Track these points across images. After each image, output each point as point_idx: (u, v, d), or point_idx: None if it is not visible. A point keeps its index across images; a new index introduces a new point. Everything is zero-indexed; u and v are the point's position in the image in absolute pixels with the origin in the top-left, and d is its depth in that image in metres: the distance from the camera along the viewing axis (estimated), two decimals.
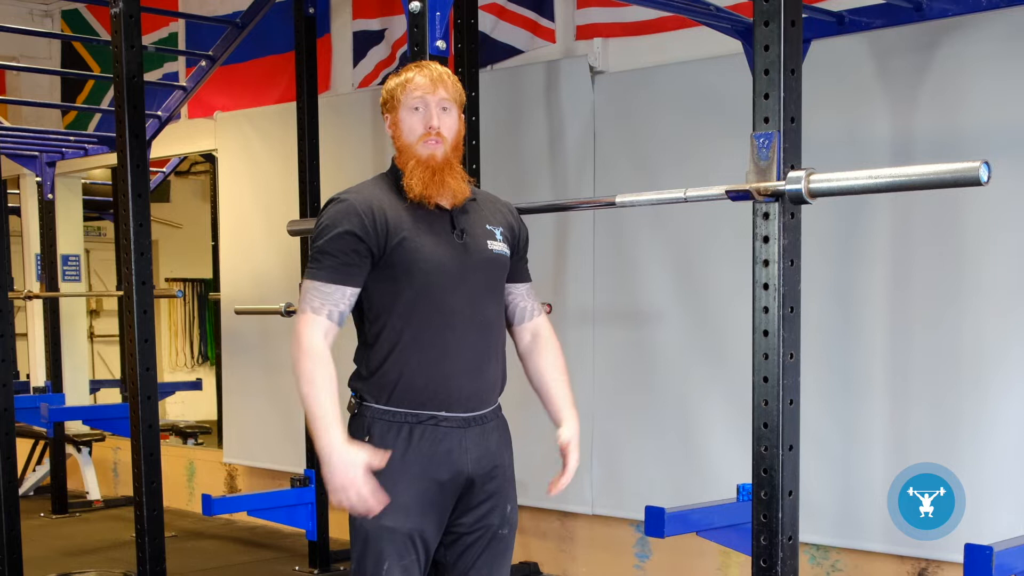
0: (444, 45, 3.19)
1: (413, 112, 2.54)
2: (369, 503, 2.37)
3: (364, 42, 5.99)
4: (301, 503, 5.53)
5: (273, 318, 5.73)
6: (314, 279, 2.44)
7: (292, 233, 4.14)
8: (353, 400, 2.54)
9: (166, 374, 10.79)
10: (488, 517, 2.58)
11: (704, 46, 4.47)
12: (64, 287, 7.32)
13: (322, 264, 2.44)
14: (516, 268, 2.66)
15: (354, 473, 2.35)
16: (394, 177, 2.57)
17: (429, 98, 2.53)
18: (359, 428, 2.52)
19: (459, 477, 2.51)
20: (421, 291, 2.46)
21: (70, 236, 7.50)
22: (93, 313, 10.50)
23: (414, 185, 2.50)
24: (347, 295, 2.44)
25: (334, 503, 2.40)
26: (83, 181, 7.86)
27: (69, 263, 7.46)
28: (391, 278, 2.46)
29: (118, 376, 9.49)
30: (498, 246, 2.58)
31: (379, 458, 2.39)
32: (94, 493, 7.47)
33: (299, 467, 5.77)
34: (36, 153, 7.00)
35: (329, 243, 2.44)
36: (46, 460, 7.61)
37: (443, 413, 2.49)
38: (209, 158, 8.02)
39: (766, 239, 2.57)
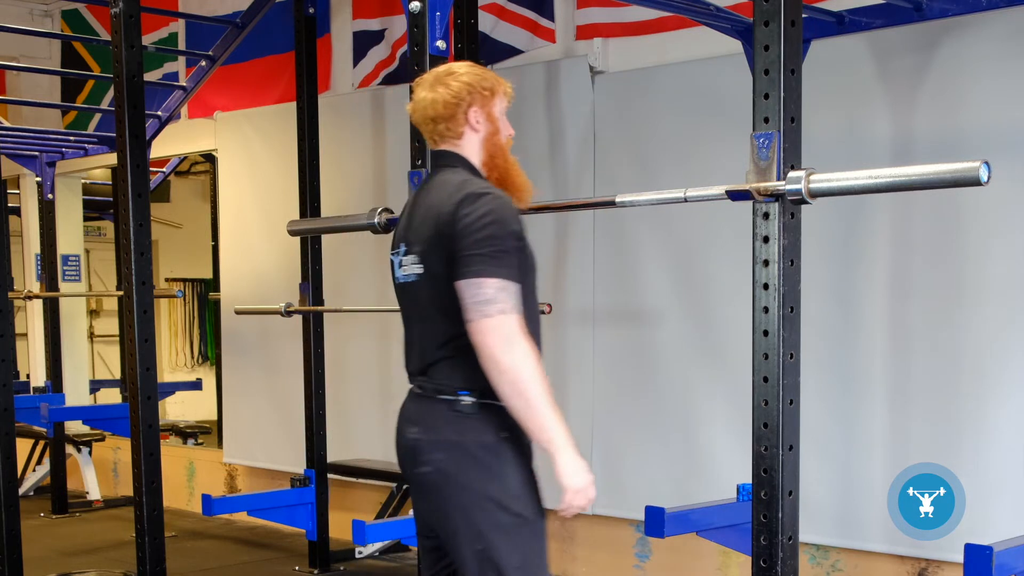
0: (444, 45, 3.19)
1: (503, 116, 2.61)
2: (591, 501, 2.45)
3: (364, 42, 5.99)
4: (301, 503, 5.53)
5: (273, 318, 5.73)
6: (507, 279, 2.42)
7: (292, 233, 4.14)
8: (469, 399, 2.49)
9: (166, 374, 10.79)
10: None
11: (704, 46, 4.47)
12: (64, 287, 7.32)
13: (506, 263, 2.43)
14: None
15: (589, 476, 2.42)
16: (479, 176, 2.60)
17: None
18: (488, 425, 2.49)
19: None
20: (530, 290, 2.54)
21: (70, 236, 7.50)
22: (93, 313, 10.50)
23: (524, 193, 2.64)
24: (519, 293, 2.46)
25: (573, 503, 2.43)
26: (83, 181, 7.86)
27: (69, 263, 7.46)
28: (520, 277, 2.49)
29: (118, 376, 9.48)
30: None
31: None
32: (94, 493, 7.47)
33: (299, 467, 5.77)
34: (36, 153, 7.00)
35: (509, 241, 2.45)
36: (46, 460, 7.61)
37: None
38: (209, 158, 8.02)
39: (766, 239, 2.57)
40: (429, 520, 2.62)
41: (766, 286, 2.57)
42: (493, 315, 2.38)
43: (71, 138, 6.80)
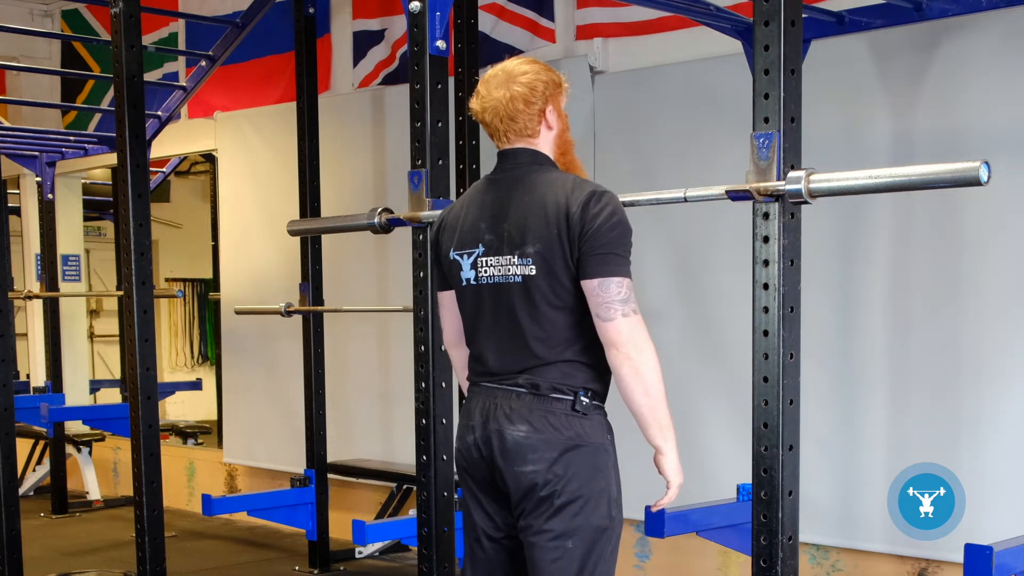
0: (444, 45, 3.19)
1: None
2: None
3: (364, 42, 5.99)
4: (301, 503, 5.53)
5: (273, 318, 5.73)
6: (630, 277, 2.47)
7: (292, 233, 4.14)
8: (586, 399, 2.52)
9: (166, 374, 10.79)
10: None
11: (704, 46, 4.47)
12: (64, 287, 7.32)
13: (628, 261, 2.48)
14: None
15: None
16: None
17: None
18: (601, 427, 2.55)
19: None
20: None
21: (70, 236, 7.50)
22: (93, 313, 10.50)
23: None
24: None
25: (674, 496, 2.56)
26: (83, 181, 7.86)
27: (69, 263, 7.46)
28: None
29: (118, 376, 9.49)
30: None
31: None
32: (94, 493, 7.47)
33: (299, 467, 5.77)
34: (36, 153, 7.00)
35: (630, 241, 2.50)
36: (46, 460, 7.61)
37: None
38: (209, 158, 8.02)
39: (766, 239, 2.57)
40: (517, 519, 2.55)
41: (766, 286, 2.57)
42: (630, 315, 2.43)
43: (71, 138, 6.80)
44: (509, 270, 2.51)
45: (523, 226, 2.49)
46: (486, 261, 2.54)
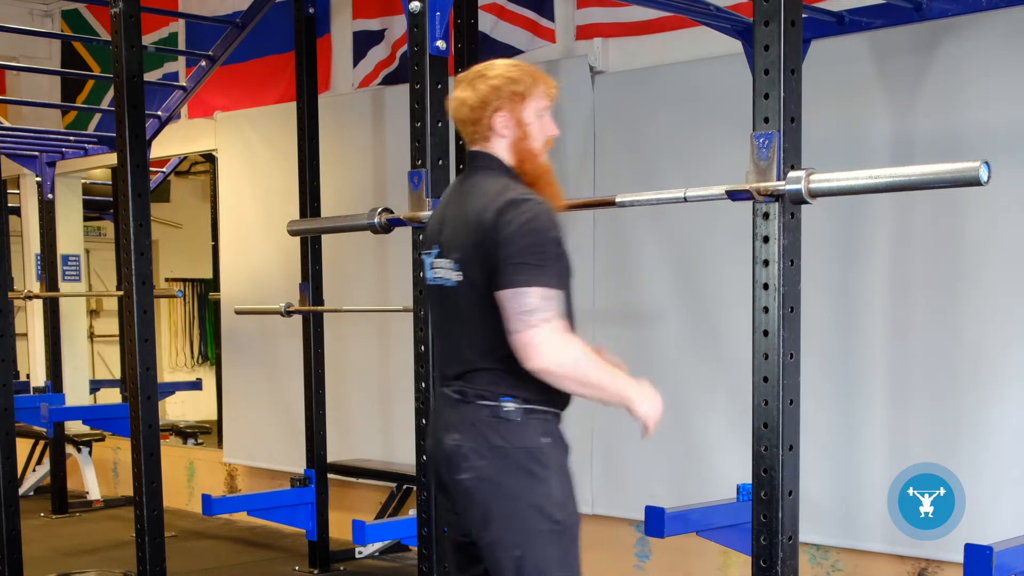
0: (444, 45, 3.19)
1: (538, 117, 2.56)
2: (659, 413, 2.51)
3: (364, 42, 5.99)
4: (301, 503, 5.54)
5: (273, 318, 5.73)
6: (549, 287, 2.39)
7: (292, 233, 4.14)
8: (512, 404, 2.47)
9: (166, 374, 10.79)
10: None
11: (704, 46, 4.47)
12: (64, 287, 7.32)
13: (548, 271, 2.39)
14: None
15: (655, 397, 2.49)
16: (515, 178, 2.55)
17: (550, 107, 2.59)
18: (532, 431, 2.48)
19: None
20: (568, 296, 2.51)
21: (70, 236, 7.51)
22: (93, 313, 10.50)
23: (556, 199, 2.54)
24: (563, 299, 2.46)
25: (654, 416, 2.48)
26: (83, 181, 7.87)
27: (69, 263, 7.46)
28: (563, 284, 2.47)
29: (118, 376, 9.49)
30: None
31: None
32: (94, 493, 7.47)
33: (299, 467, 5.77)
34: (36, 153, 7.00)
35: (551, 248, 2.41)
36: (46, 460, 7.61)
37: (560, 411, 2.56)
38: (209, 158, 8.02)
39: (766, 239, 2.57)
40: (466, 527, 2.55)
41: (766, 286, 2.57)
42: (537, 324, 2.36)
43: (71, 138, 6.81)
44: (447, 274, 2.52)
45: (454, 232, 2.51)
46: (438, 263, 2.56)
